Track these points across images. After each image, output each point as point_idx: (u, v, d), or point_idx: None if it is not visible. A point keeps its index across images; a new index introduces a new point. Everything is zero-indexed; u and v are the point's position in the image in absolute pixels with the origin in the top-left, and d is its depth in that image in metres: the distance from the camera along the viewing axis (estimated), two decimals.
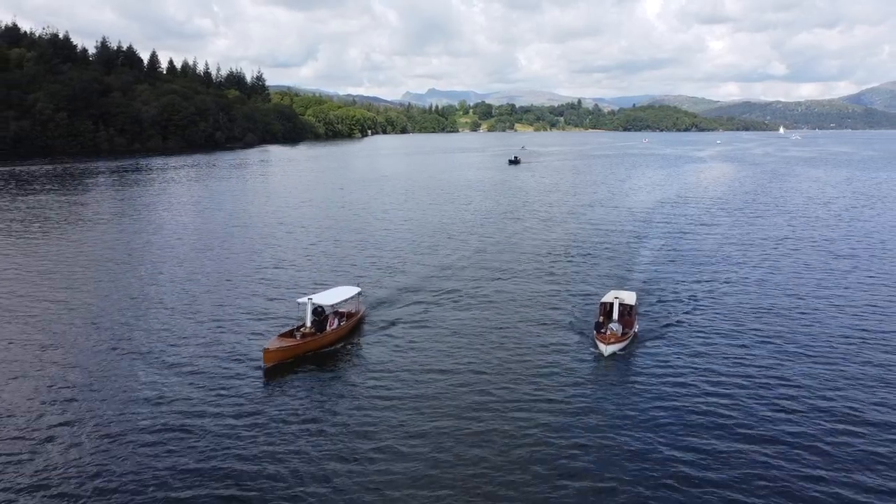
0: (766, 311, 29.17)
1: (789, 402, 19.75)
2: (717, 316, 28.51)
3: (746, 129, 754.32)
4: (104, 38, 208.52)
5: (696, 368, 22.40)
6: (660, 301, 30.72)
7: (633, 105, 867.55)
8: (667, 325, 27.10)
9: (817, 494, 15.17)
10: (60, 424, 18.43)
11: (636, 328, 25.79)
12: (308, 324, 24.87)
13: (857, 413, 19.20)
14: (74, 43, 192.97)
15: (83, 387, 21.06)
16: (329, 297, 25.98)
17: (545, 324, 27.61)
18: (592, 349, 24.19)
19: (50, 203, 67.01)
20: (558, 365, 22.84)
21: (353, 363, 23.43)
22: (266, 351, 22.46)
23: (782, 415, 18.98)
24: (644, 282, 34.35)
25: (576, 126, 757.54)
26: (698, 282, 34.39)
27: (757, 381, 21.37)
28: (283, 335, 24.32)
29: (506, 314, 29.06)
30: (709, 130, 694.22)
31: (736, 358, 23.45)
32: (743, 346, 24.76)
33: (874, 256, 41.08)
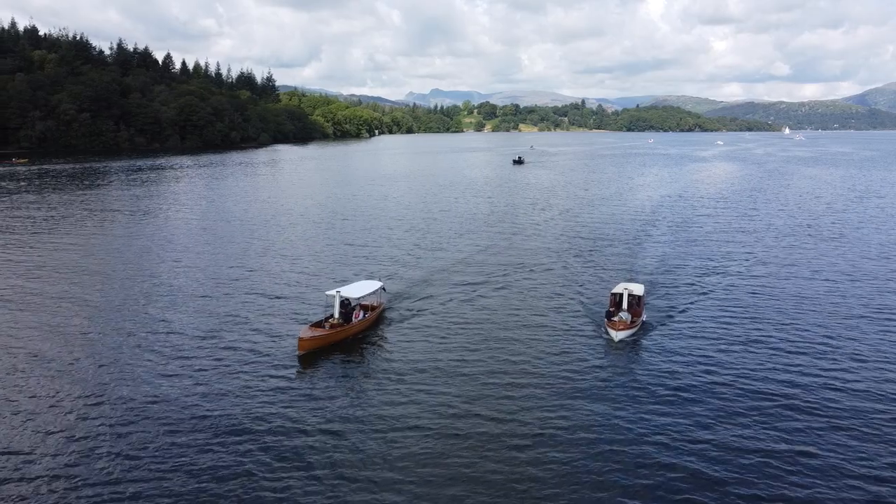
0: (763, 302, 30.97)
1: (780, 383, 21.53)
2: (718, 306, 30.32)
3: (750, 129, 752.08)
4: (121, 40, 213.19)
5: (697, 352, 24.34)
6: (666, 293, 32.62)
7: (637, 105, 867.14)
8: (672, 315, 29.01)
9: (819, 469, 16.20)
10: (97, 406, 19.69)
11: (644, 317, 27.67)
12: (336, 315, 26.26)
13: (862, 389, 20.83)
14: (93, 45, 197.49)
15: (124, 372, 22.54)
16: (355, 291, 27.55)
17: (560, 312, 29.49)
18: (604, 335, 26.11)
19: (84, 199, 68.66)
20: (572, 349, 24.81)
21: (378, 351, 24.92)
22: (300, 339, 23.97)
23: (775, 393, 20.73)
24: (651, 274, 36.28)
25: (580, 126, 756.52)
26: (701, 274, 36.26)
27: (753, 365, 23.27)
28: (313, 325, 25.73)
29: (522, 304, 30.77)
30: (712, 131, 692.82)
31: (735, 343, 25.35)
32: (741, 332, 26.61)
33: (859, 241, 45.40)
